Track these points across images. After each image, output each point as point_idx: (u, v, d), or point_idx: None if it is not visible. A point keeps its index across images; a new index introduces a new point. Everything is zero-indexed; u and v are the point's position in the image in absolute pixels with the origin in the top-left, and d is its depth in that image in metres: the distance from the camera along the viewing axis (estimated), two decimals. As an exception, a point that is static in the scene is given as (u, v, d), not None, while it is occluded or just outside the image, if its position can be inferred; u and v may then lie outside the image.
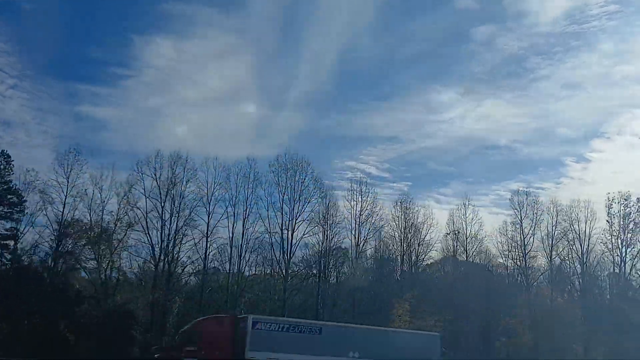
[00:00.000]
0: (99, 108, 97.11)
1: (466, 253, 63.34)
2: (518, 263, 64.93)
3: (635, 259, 66.14)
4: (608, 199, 65.53)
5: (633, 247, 65.64)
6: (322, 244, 57.14)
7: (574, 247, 64.72)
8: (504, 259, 65.64)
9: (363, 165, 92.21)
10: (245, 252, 54.75)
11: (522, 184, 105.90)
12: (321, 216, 57.41)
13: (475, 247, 63.79)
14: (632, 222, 65.62)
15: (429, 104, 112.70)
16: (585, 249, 64.79)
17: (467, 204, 65.05)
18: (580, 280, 65.84)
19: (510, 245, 64.54)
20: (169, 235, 51.63)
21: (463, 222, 63.74)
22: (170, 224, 52.11)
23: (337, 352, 34.21)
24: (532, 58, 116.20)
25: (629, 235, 65.46)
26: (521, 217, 64.40)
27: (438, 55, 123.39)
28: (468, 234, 63.21)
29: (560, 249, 64.48)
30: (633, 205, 65.75)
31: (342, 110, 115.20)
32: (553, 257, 64.14)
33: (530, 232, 63.92)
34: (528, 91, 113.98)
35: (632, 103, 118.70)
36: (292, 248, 55.62)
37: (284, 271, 55.20)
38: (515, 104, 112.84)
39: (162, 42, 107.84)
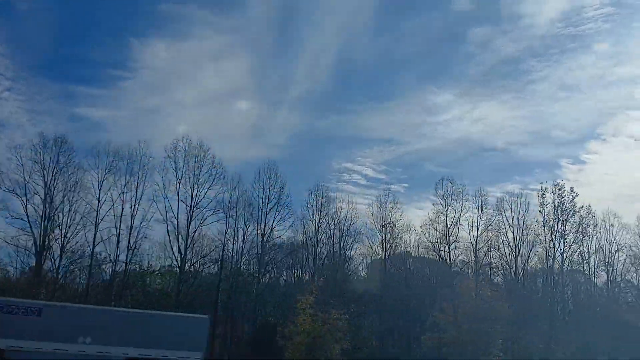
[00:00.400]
0: (96, 109, 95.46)
1: (385, 244, 59.79)
2: (446, 256, 61.69)
3: (570, 251, 63.41)
4: (541, 189, 63.31)
5: (566, 238, 62.84)
6: (226, 233, 53.38)
7: (504, 239, 61.84)
8: (433, 251, 62.52)
9: (360, 167, 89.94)
10: (137, 241, 50.70)
11: (518, 186, 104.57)
12: (225, 203, 53.70)
13: (394, 238, 60.56)
14: (566, 212, 62.84)
15: (425, 105, 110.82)
16: (517, 241, 62.04)
17: (387, 195, 62.27)
18: (513, 274, 62.65)
19: (437, 237, 61.59)
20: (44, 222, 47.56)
21: (384, 213, 60.85)
22: (50, 210, 48.06)
23: (61, 338, 29.38)
24: (528, 60, 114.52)
25: (564, 225, 62.74)
26: (446, 208, 61.58)
27: (434, 57, 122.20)
28: (388, 224, 59.92)
29: (488, 240, 61.36)
30: (566, 195, 63.05)
31: (339, 111, 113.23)
32: (479, 248, 60.97)
33: (453, 223, 60.88)
34: (524, 93, 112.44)
35: (627, 105, 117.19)
36: (190, 238, 51.62)
37: (178, 262, 51.05)
38: (512, 106, 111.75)
39: (159, 43, 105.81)
